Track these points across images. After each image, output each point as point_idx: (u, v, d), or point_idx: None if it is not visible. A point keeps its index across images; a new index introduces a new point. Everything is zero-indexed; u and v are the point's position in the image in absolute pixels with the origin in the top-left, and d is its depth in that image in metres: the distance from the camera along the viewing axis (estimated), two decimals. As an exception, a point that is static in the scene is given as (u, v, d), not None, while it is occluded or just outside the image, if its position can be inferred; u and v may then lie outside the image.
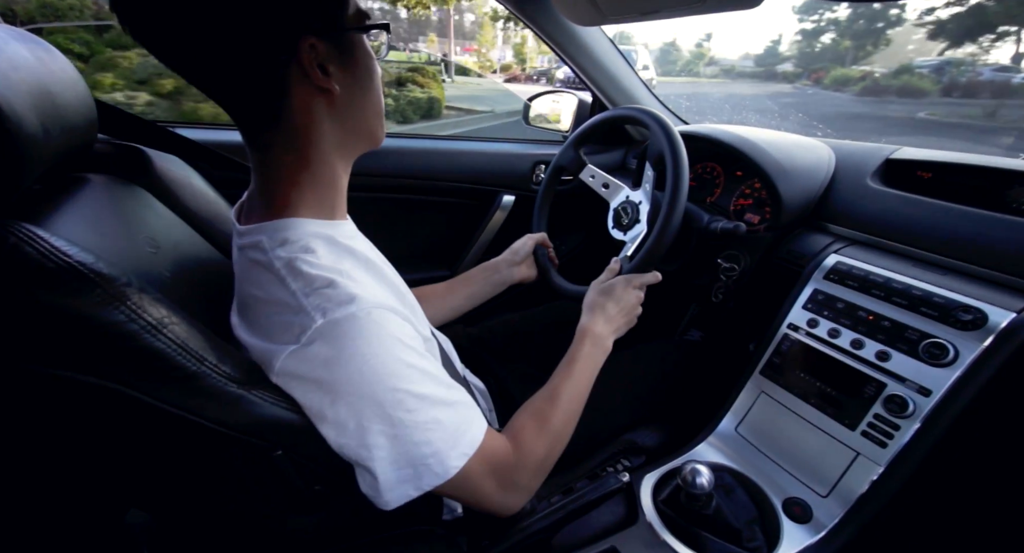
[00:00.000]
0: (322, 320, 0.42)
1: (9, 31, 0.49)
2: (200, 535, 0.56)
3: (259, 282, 0.46)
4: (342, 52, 0.47)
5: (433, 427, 0.45)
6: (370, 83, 0.51)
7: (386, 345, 0.43)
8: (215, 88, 0.45)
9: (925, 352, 0.63)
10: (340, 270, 0.45)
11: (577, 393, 0.64)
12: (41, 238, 0.36)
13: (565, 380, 0.64)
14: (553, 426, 0.59)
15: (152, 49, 0.42)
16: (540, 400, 0.62)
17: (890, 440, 0.62)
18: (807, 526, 0.63)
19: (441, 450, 0.46)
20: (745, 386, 0.79)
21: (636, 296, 0.76)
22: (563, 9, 1.00)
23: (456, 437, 0.47)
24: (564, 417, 0.61)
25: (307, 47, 0.43)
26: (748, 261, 0.90)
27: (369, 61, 0.50)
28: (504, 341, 1.02)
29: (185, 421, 0.40)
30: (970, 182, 0.79)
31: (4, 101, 0.39)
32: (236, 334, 0.49)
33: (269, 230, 0.48)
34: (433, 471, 0.45)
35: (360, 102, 0.50)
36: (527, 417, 0.60)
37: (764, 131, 1.03)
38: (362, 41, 0.49)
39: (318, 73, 0.45)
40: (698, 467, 0.59)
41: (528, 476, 0.56)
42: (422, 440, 0.45)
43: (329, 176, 0.51)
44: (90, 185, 0.56)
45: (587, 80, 1.23)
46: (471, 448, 0.48)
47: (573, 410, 0.63)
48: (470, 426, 0.49)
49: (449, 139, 1.31)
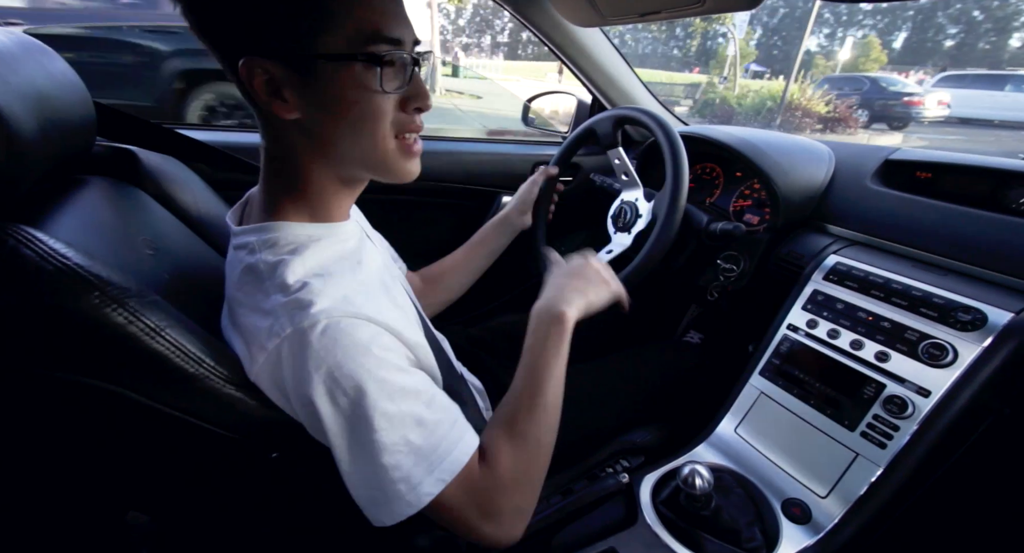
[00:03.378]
0: (291, 329, 0.40)
1: (9, 35, 0.50)
2: (199, 536, 0.56)
3: (243, 283, 0.46)
4: (303, 78, 0.42)
5: (403, 449, 0.42)
6: (349, 116, 0.44)
7: (354, 357, 0.41)
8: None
9: (924, 353, 0.63)
10: (321, 275, 0.44)
11: (540, 388, 0.54)
12: (40, 241, 0.36)
13: (522, 376, 0.55)
14: (528, 433, 0.51)
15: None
16: (506, 407, 0.54)
17: (889, 441, 0.62)
18: (806, 527, 0.63)
19: (412, 475, 0.42)
20: (744, 387, 0.79)
21: (593, 263, 0.66)
22: (562, 10, 1.00)
23: (431, 461, 0.43)
24: (539, 420, 0.52)
25: (255, 68, 0.41)
26: (748, 262, 0.90)
27: (349, 92, 0.43)
28: (503, 342, 1.01)
29: (183, 422, 0.40)
30: (969, 183, 0.79)
31: (3, 104, 0.39)
32: (224, 335, 0.48)
33: (260, 232, 0.47)
34: (404, 499, 0.42)
35: (337, 135, 0.45)
36: (496, 429, 0.52)
37: (763, 132, 1.03)
38: (339, 68, 0.42)
39: (262, 96, 0.42)
40: (697, 468, 0.59)
41: (510, 498, 0.48)
42: (390, 463, 0.41)
43: (316, 191, 0.49)
44: (89, 188, 0.56)
45: (586, 81, 1.23)
46: (449, 474, 0.43)
47: (548, 407, 0.53)
48: (452, 448, 0.44)
49: (448, 140, 1.31)
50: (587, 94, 1.29)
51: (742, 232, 0.85)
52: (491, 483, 0.47)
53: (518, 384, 0.55)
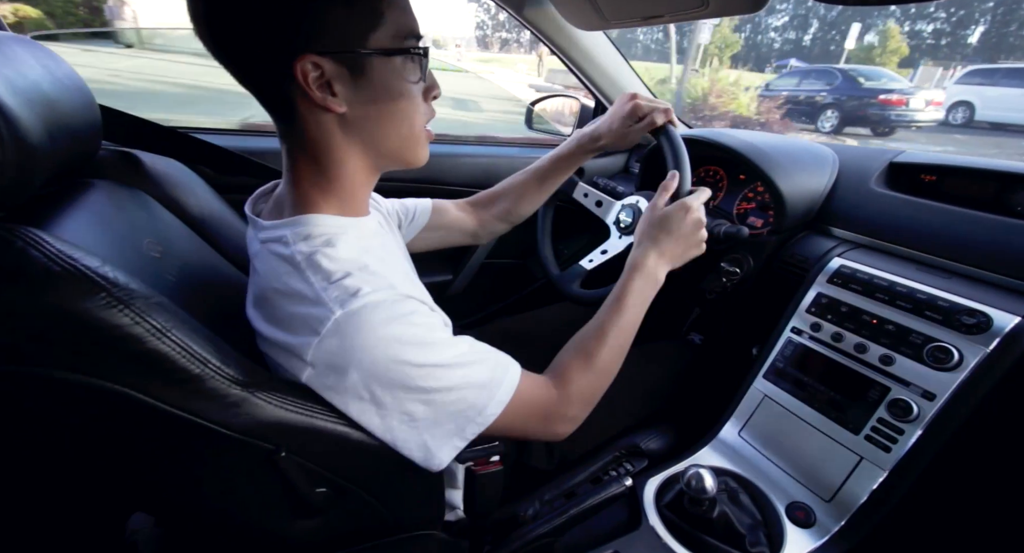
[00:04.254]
0: (341, 311, 0.43)
1: (15, 39, 0.50)
2: (203, 539, 0.56)
3: (279, 275, 0.47)
4: (353, 72, 0.45)
5: (464, 386, 0.48)
6: (392, 106, 0.49)
7: (407, 326, 0.45)
8: (245, 85, 0.47)
9: (929, 356, 0.62)
10: (359, 263, 0.47)
11: (624, 329, 0.63)
12: (47, 242, 0.36)
13: (612, 315, 0.63)
14: (599, 361, 0.60)
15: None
16: (586, 336, 0.62)
17: (894, 444, 0.61)
18: (810, 531, 0.63)
19: (477, 403, 0.48)
20: (748, 390, 0.79)
21: (693, 220, 0.69)
22: (566, 14, 1.01)
23: (490, 389, 0.49)
24: (610, 353, 0.61)
25: (307, 65, 0.43)
26: (751, 265, 0.90)
27: (394, 83, 0.48)
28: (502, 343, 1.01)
29: (188, 423, 0.40)
30: (974, 185, 0.79)
31: (10, 108, 0.39)
32: (253, 324, 0.50)
33: (293, 225, 0.49)
34: (474, 422, 0.48)
35: (380, 124, 0.49)
36: (573, 353, 0.61)
37: (767, 135, 1.03)
38: (386, 63, 0.47)
39: (316, 93, 0.44)
40: (701, 471, 0.59)
41: (575, 409, 0.58)
42: (457, 398, 0.47)
43: (348, 183, 0.52)
44: (94, 190, 0.57)
45: (590, 84, 1.23)
46: (507, 395, 0.50)
47: (620, 345, 0.62)
48: (505, 376, 0.51)
49: (452, 143, 1.31)
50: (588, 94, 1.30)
51: (745, 235, 0.85)
52: (561, 397, 0.56)
53: (604, 322, 0.62)
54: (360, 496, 0.51)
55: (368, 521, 0.56)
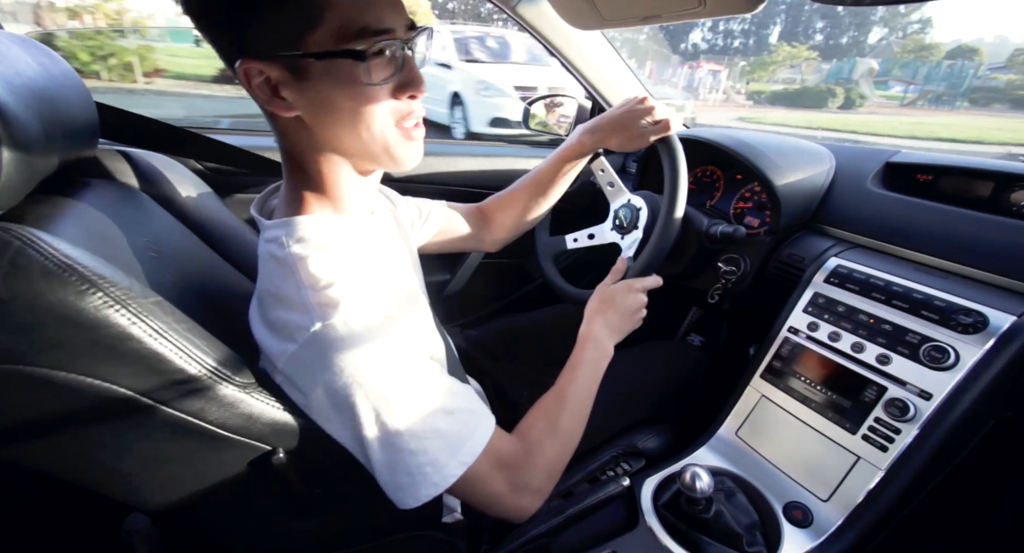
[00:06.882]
0: (320, 324, 0.42)
1: (13, 38, 0.50)
2: (200, 539, 0.55)
3: (273, 277, 0.47)
4: (295, 76, 0.43)
5: (429, 436, 0.45)
6: (342, 109, 0.45)
7: (381, 352, 0.43)
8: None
9: (926, 356, 0.63)
10: (348, 271, 0.46)
11: (582, 396, 0.64)
12: (45, 242, 0.36)
13: (569, 383, 0.64)
14: (562, 426, 0.59)
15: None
16: (548, 401, 0.62)
17: (891, 444, 0.62)
18: (808, 530, 0.63)
19: (438, 459, 0.45)
20: (745, 390, 0.79)
21: (638, 300, 0.74)
22: (563, 13, 1.01)
23: (455, 445, 0.46)
24: (572, 418, 0.61)
25: (251, 70, 0.42)
26: (748, 264, 0.90)
27: (341, 85, 0.44)
28: (501, 343, 1.02)
29: (185, 423, 0.40)
30: (970, 185, 0.79)
31: (7, 107, 0.39)
32: (252, 327, 0.50)
33: (286, 226, 0.49)
34: (430, 480, 0.45)
35: (335, 128, 0.46)
36: (536, 417, 0.59)
37: (763, 135, 1.03)
38: (329, 65, 0.42)
39: (261, 96, 0.44)
40: (698, 471, 0.59)
41: (540, 478, 0.55)
42: (418, 449, 0.44)
43: (333, 184, 0.51)
44: (91, 190, 0.57)
45: (586, 84, 1.23)
46: (471, 456, 0.47)
47: (580, 411, 0.62)
48: (473, 432, 0.48)
49: (449, 144, 1.32)
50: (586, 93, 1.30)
51: (742, 235, 0.85)
52: (527, 462, 0.53)
53: (563, 388, 0.63)
54: (357, 497, 0.51)
55: (365, 522, 0.56)
